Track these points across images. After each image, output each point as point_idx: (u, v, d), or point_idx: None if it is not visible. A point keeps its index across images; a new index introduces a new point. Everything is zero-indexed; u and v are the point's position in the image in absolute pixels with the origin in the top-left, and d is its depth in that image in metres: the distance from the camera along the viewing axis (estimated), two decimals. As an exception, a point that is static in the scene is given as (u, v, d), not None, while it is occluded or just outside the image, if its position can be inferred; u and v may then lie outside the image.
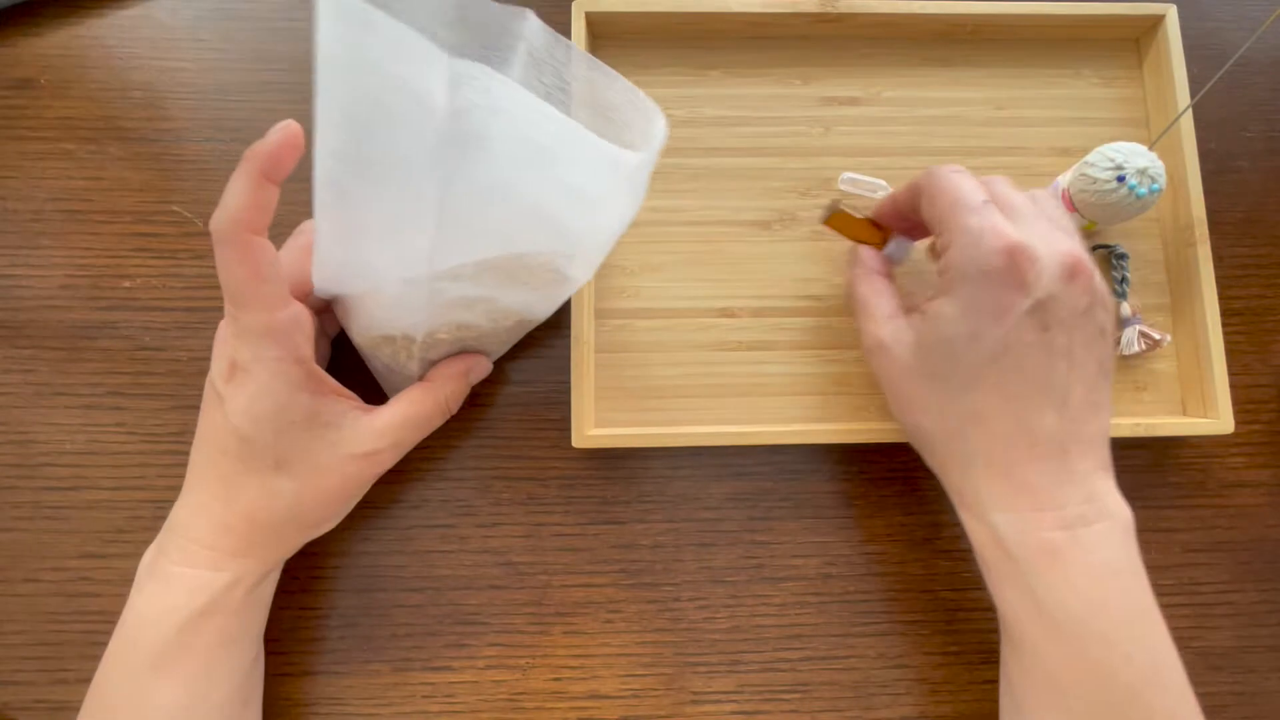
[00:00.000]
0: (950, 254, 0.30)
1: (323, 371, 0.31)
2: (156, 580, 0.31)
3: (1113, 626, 0.29)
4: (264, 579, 0.33)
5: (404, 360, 0.34)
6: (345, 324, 0.34)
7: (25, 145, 0.40)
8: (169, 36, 0.41)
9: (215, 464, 0.31)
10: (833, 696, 0.37)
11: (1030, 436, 0.30)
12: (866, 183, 0.40)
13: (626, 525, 0.38)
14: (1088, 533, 0.29)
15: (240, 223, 0.26)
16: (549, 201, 0.29)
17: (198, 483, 0.32)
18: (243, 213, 0.26)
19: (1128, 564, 0.30)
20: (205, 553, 0.31)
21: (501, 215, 0.28)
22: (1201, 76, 0.40)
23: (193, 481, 0.32)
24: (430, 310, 0.31)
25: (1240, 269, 0.41)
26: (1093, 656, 0.28)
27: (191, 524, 0.31)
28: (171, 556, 0.31)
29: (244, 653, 0.32)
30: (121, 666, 0.31)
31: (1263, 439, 0.40)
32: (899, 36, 0.42)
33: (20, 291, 0.38)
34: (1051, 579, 0.29)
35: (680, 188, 0.40)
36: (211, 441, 0.31)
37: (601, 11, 0.38)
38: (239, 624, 0.32)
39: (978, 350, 0.29)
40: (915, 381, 0.31)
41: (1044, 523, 0.29)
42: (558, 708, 0.36)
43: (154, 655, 0.30)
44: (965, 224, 0.29)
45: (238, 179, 0.26)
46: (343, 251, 0.28)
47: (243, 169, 0.26)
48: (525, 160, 0.26)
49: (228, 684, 0.31)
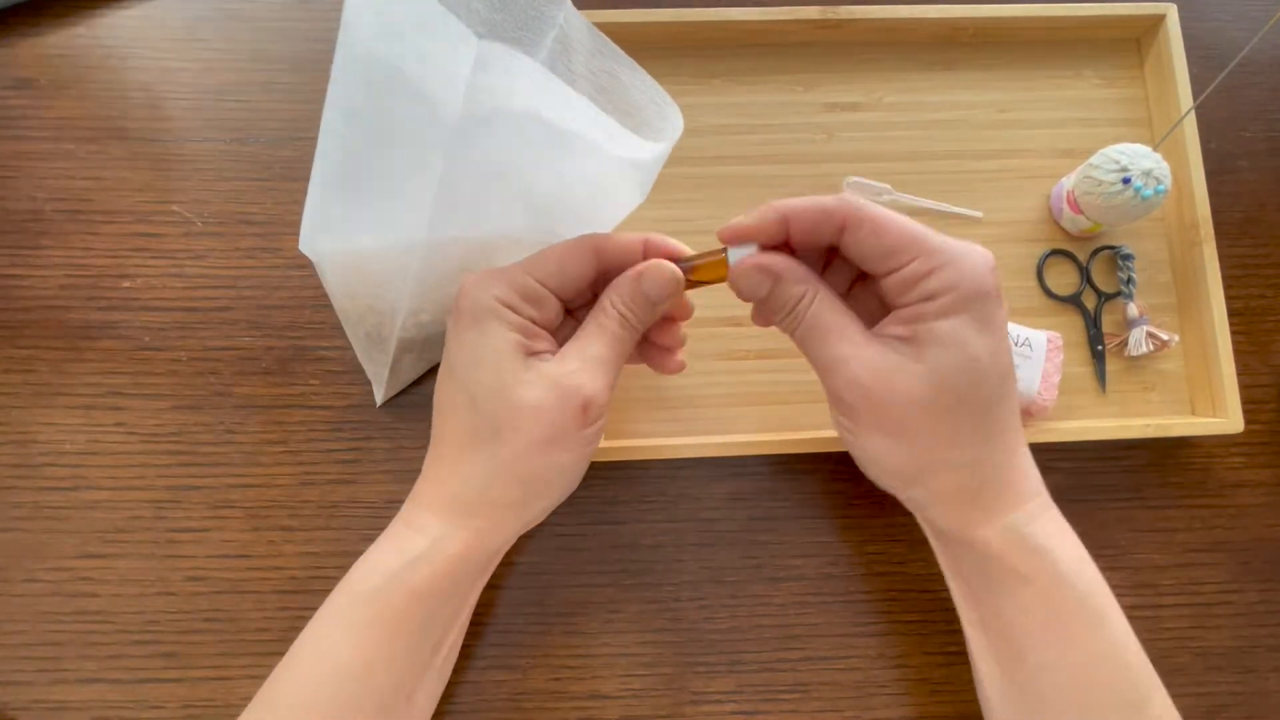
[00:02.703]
0: (944, 276, 0.27)
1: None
2: (384, 535, 0.31)
3: (1103, 595, 0.30)
4: (465, 558, 0.30)
5: (386, 335, 0.34)
6: (331, 289, 0.33)
7: (25, 145, 0.40)
8: (169, 36, 0.41)
9: (440, 426, 0.31)
10: (833, 696, 0.37)
11: (1018, 434, 0.30)
12: (871, 187, 0.40)
13: (626, 525, 0.38)
14: (1046, 500, 0.31)
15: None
16: (549, 188, 0.29)
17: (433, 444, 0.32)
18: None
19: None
20: (417, 512, 0.30)
21: (497, 198, 0.29)
22: (1202, 77, 0.40)
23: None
24: (421, 282, 0.32)
25: (1240, 269, 0.41)
26: (1112, 626, 0.29)
27: (420, 484, 0.31)
28: (402, 514, 0.31)
29: (420, 644, 0.30)
30: (319, 616, 0.30)
31: (1263, 439, 0.40)
32: (900, 41, 0.42)
33: (20, 291, 0.38)
34: (1070, 553, 0.30)
35: (685, 197, 0.40)
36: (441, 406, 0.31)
37: (603, 22, 0.38)
38: (424, 607, 0.29)
39: (998, 366, 0.28)
40: (932, 416, 0.28)
41: (1043, 506, 0.30)
42: (558, 708, 0.36)
43: (343, 611, 0.30)
44: (950, 247, 0.28)
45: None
46: (341, 206, 0.28)
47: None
48: (534, 146, 0.27)
49: (395, 672, 0.29)
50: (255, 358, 0.38)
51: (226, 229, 0.39)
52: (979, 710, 0.37)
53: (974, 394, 0.28)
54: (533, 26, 0.31)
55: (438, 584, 0.29)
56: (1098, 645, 0.29)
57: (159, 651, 0.36)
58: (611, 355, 0.29)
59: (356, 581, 0.30)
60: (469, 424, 0.29)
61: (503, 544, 0.31)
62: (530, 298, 0.29)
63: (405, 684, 0.30)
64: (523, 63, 0.24)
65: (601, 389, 0.29)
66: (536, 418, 0.28)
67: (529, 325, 0.29)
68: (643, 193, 0.30)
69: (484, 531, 0.30)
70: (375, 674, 0.29)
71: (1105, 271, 0.41)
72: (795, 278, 0.29)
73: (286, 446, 0.38)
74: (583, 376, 0.28)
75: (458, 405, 0.29)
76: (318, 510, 0.37)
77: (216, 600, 0.36)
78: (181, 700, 0.35)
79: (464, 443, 0.29)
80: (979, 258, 0.28)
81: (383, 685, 0.29)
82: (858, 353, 0.28)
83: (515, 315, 0.29)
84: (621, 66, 0.29)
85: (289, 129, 0.40)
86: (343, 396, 0.38)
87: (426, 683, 0.31)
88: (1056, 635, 0.29)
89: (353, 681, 0.29)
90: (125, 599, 0.36)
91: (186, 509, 0.37)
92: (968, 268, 0.27)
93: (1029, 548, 0.29)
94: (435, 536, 0.29)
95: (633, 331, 0.29)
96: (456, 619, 0.32)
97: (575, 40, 0.30)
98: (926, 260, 0.27)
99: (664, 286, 0.29)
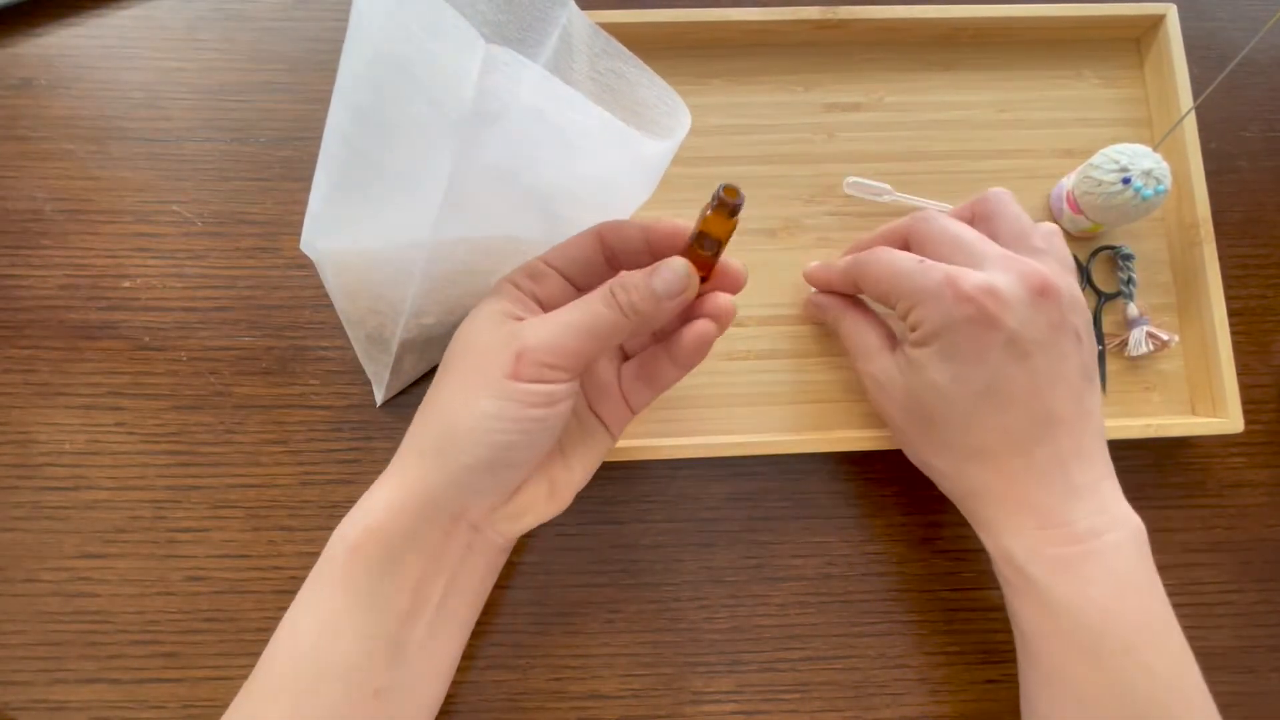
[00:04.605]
0: (917, 313, 0.31)
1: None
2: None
3: (1130, 635, 0.29)
4: (390, 508, 0.29)
5: (388, 336, 0.34)
6: (332, 290, 0.33)
7: (25, 145, 0.40)
8: (169, 36, 0.41)
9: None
10: (833, 696, 0.37)
11: (1029, 461, 0.30)
12: (871, 187, 0.40)
13: (626, 525, 0.38)
14: (1099, 544, 0.29)
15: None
16: (555, 189, 0.29)
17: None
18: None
19: (1142, 572, 0.30)
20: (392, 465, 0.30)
21: (503, 199, 0.29)
22: (1202, 77, 0.40)
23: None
24: (424, 282, 0.32)
25: (1240, 269, 0.41)
26: (1113, 668, 0.28)
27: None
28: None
29: (380, 613, 0.28)
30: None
31: (1263, 439, 0.40)
32: (900, 41, 0.42)
33: (20, 291, 0.38)
34: (1065, 592, 0.29)
35: (685, 197, 0.40)
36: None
37: (603, 22, 0.38)
38: (360, 562, 0.28)
39: (965, 392, 0.30)
40: (913, 423, 0.33)
41: (1054, 539, 0.30)
42: (558, 708, 0.36)
43: (314, 573, 0.29)
44: (918, 287, 0.31)
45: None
46: (346, 207, 0.28)
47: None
48: (538, 148, 0.27)
49: (356, 641, 0.28)
50: (255, 358, 0.38)
51: (226, 229, 0.39)
52: (979, 710, 0.37)
53: (941, 412, 0.31)
54: (537, 27, 0.31)
55: (369, 537, 0.28)
56: (1100, 675, 0.29)
57: (159, 651, 0.36)
58: (579, 322, 0.28)
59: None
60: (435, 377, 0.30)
61: (428, 502, 0.29)
62: (532, 274, 0.30)
63: (363, 660, 0.28)
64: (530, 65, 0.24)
65: (544, 345, 0.27)
66: (472, 357, 0.28)
67: (523, 297, 0.30)
68: (649, 190, 0.30)
69: (409, 473, 0.29)
70: (327, 640, 0.28)
71: (1105, 271, 0.41)
72: (829, 306, 0.37)
73: (286, 446, 0.38)
74: (530, 329, 0.28)
75: (441, 364, 0.30)
76: (318, 510, 0.37)
77: (216, 600, 0.36)
78: (181, 700, 0.35)
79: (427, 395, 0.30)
80: (951, 292, 0.30)
81: (346, 651, 0.28)
82: (868, 367, 0.35)
83: (514, 289, 0.30)
84: (627, 65, 0.29)
85: (289, 129, 0.40)
86: (343, 396, 0.38)
87: (395, 668, 0.29)
88: (1061, 648, 0.30)
89: (310, 651, 0.28)
90: (125, 599, 0.36)
91: (186, 509, 0.37)
92: (933, 308, 0.30)
93: (1023, 576, 0.30)
94: (372, 492, 0.30)
95: (617, 312, 0.28)
96: (404, 580, 0.29)
97: (580, 40, 0.30)
98: (906, 301, 0.31)
99: (671, 283, 0.28)
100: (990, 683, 0.37)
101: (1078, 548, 0.29)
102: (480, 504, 0.29)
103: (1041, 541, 0.30)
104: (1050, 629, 0.30)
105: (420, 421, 0.30)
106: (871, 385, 0.35)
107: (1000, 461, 0.31)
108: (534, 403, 0.27)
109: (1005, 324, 0.29)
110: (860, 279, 0.34)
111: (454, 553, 0.30)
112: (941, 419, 0.32)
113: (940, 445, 0.33)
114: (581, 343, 0.28)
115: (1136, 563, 0.30)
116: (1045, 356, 0.30)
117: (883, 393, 0.34)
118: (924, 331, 0.31)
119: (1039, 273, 0.30)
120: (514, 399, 0.27)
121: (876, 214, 0.40)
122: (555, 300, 0.30)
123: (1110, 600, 0.29)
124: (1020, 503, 0.30)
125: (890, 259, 0.32)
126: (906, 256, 0.32)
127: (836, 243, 0.40)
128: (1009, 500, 0.31)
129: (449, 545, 0.30)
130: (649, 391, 0.32)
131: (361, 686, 0.28)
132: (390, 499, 0.29)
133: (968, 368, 0.30)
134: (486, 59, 0.23)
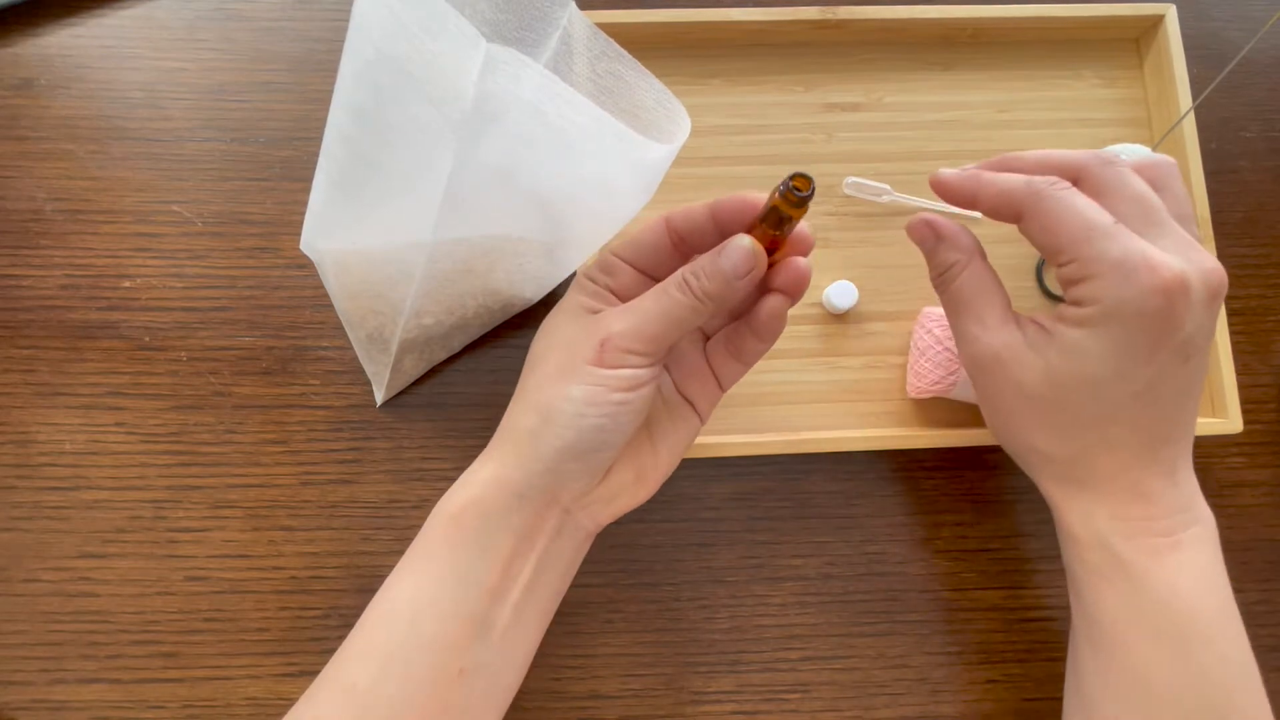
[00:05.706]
0: (1093, 287, 0.27)
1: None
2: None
3: (1210, 626, 0.29)
4: (490, 482, 0.30)
5: (388, 336, 0.34)
6: (332, 290, 0.33)
7: (25, 145, 0.40)
8: (169, 36, 0.41)
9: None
10: (833, 696, 0.37)
11: (1154, 457, 0.29)
12: (871, 187, 0.40)
13: (626, 525, 0.38)
14: (1186, 536, 0.29)
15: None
16: (555, 190, 0.29)
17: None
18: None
19: (1218, 566, 0.30)
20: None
21: (503, 199, 0.29)
22: (1201, 77, 0.40)
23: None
24: (425, 281, 0.32)
25: (1240, 269, 0.41)
26: (1194, 658, 0.29)
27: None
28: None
29: (472, 587, 0.29)
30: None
31: (1263, 439, 0.40)
32: (899, 41, 0.42)
33: (20, 291, 0.38)
34: (1156, 581, 0.29)
35: (685, 198, 0.40)
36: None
37: (603, 22, 0.38)
38: (459, 532, 0.29)
39: (1124, 390, 0.28)
40: (1038, 410, 0.30)
41: (1152, 529, 0.29)
42: (557, 708, 0.36)
43: (414, 544, 0.30)
44: (1109, 256, 0.27)
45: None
46: (346, 207, 0.28)
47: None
48: (538, 149, 0.27)
49: (447, 614, 0.29)
50: (255, 358, 0.38)
51: (226, 229, 0.39)
52: (979, 710, 0.37)
53: (1085, 404, 0.29)
54: (536, 27, 0.31)
55: (470, 509, 0.30)
56: (1189, 663, 0.29)
57: (159, 651, 0.36)
58: (657, 308, 0.29)
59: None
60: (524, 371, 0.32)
61: (523, 480, 0.30)
62: (605, 268, 0.31)
63: (451, 636, 0.29)
64: (530, 64, 0.24)
65: (626, 332, 0.29)
66: (559, 349, 0.30)
67: (599, 290, 0.31)
68: (649, 193, 0.30)
69: (506, 456, 0.30)
70: (420, 610, 0.29)
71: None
72: (954, 244, 0.31)
73: (286, 446, 0.38)
74: (611, 318, 0.29)
75: (528, 362, 0.32)
76: (318, 510, 0.37)
77: (216, 600, 0.36)
78: (181, 700, 0.35)
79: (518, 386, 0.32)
80: (1147, 279, 0.26)
81: (437, 622, 0.29)
82: (983, 334, 0.30)
83: (591, 284, 0.31)
84: (627, 68, 0.29)
85: (289, 129, 0.40)
86: (343, 396, 0.38)
87: (480, 649, 0.29)
88: (1142, 636, 0.29)
89: (404, 620, 0.29)
90: (125, 599, 0.36)
91: (186, 509, 0.37)
92: (1125, 287, 0.26)
93: (1117, 561, 0.30)
94: (473, 470, 0.31)
95: (691, 298, 0.28)
96: (495, 556, 0.30)
97: (579, 41, 0.30)
98: (1081, 267, 0.27)
99: (739, 263, 0.28)
100: (990, 683, 0.37)
101: (1169, 539, 0.29)
102: (572, 487, 0.30)
103: (1142, 530, 0.29)
104: (1135, 616, 0.29)
105: (513, 411, 0.31)
106: (985, 358, 0.30)
107: (1126, 456, 0.29)
108: (619, 386, 0.28)
109: (1184, 326, 0.27)
110: (1030, 213, 0.28)
111: (545, 533, 0.31)
112: (1077, 407, 0.29)
113: (1062, 433, 0.30)
114: (661, 328, 0.29)
115: (1213, 556, 0.30)
116: (1200, 360, 0.29)
117: (1001, 370, 0.30)
118: (1094, 311, 0.27)
119: (1219, 272, 0.27)
120: (601, 384, 0.28)
121: (876, 214, 0.40)
122: (629, 291, 0.31)
123: (1194, 591, 0.29)
124: (1132, 491, 0.30)
125: (1084, 208, 0.27)
126: (1100, 210, 0.27)
127: (836, 243, 0.40)
128: (1121, 489, 0.30)
129: (541, 526, 0.30)
130: (740, 366, 0.33)
131: (447, 665, 0.29)
132: (489, 476, 0.30)
133: (1137, 366, 0.27)
134: (487, 58, 0.23)
